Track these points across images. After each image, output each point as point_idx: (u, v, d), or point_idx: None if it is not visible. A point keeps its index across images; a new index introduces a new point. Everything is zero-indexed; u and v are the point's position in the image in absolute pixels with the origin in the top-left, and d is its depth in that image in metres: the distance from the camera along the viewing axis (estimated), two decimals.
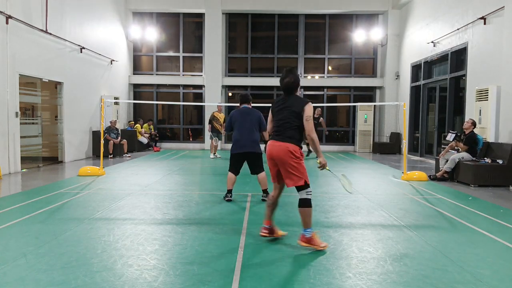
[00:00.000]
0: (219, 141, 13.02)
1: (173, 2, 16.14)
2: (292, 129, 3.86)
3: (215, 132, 12.60)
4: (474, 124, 8.35)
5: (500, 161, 7.84)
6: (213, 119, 12.59)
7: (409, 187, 7.63)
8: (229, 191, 6.12)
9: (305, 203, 3.81)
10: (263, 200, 6.05)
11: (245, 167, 6.19)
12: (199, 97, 16.95)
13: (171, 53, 17.11)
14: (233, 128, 6.08)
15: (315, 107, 12.54)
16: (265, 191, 6.12)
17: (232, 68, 17.31)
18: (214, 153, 12.69)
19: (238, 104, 6.37)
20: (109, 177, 8.35)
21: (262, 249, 3.88)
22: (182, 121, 17.21)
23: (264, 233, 4.09)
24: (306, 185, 3.83)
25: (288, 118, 3.89)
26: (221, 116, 12.68)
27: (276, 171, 3.99)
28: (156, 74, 16.94)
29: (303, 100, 3.94)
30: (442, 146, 9.43)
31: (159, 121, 17.49)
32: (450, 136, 9.25)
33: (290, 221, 4.95)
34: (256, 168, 6.09)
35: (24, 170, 9.28)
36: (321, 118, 12.65)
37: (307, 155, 12.46)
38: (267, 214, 4.12)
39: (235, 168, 6.11)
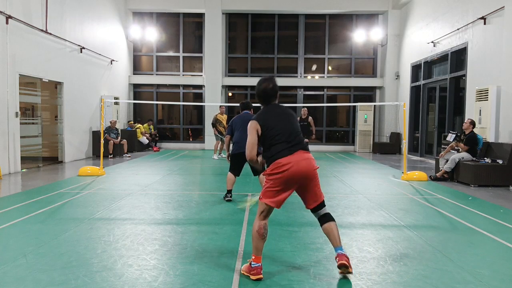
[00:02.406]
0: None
1: (173, 2, 16.14)
2: (302, 138, 3.36)
3: (219, 134, 12.47)
4: (473, 124, 8.35)
5: (500, 161, 7.83)
6: (216, 121, 12.48)
7: (409, 187, 7.63)
8: (229, 191, 6.15)
9: (332, 217, 3.32)
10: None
11: (246, 167, 6.19)
12: (199, 97, 16.95)
13: (171, 53, 17.11)
14: (234, 133, 6.20)
15: (307, 107, 12.55)
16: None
17: (232, 68, 17.31)
18: (220, 154, 12.65)
19: (242, 110, 6.48)
20: (109, 177, 8.35)
21: (262, 249, 3.87)
22: (182, 121, 17.22)
23: (261, 275, 3.12)
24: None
25: (296, 126, 3.37)
26: (224, 118, 12.58)
27: (291, 192, 3.24)
28: (156, 74, 16.94)
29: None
30: (442, 146, 9.43)
31: (159, 121, 17.49)
32: (450, 137, 9.25)
33: (291, 221, 4.95)
34: (236, 168, 6.19)
35: (24, 170, 9.28)
36: (310, 117, 12.50)
37: None
38: (260, 248, 3.17)
39: (235, 168, 6.15)
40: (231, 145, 6.34)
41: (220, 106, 12.95)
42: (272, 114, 3.46)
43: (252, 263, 3.13)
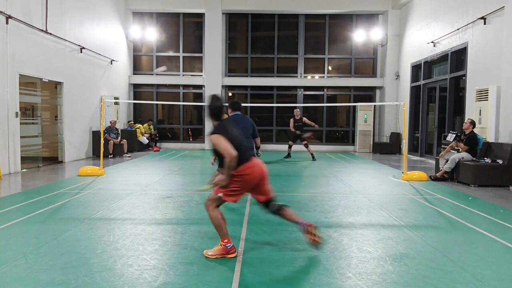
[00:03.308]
0: None
1: (173, 2, 16.14)
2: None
3: None
4: (473, 124, 8.35)
5: (500, 161, 7.83)
6: None
7: (409, 187, 7.63)
8: None
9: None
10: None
11: None
12: (199, 97, 16.95)
13: (171, 53, 17.11)
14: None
15: (301, 107, 12.46)
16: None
17: (232, 68, 17.31)
18: None
19: (234, 111, 6.08)
20: (109, 177, 8.35)
21: (262, 249, 3.88)
22: (182, 121, 17.22)
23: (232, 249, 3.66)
24: None
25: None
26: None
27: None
28: (156, 74, 16.94)
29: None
30: (442, 146, 9.43)
31: (159, 121, 17.49)
32: (450, 137, 9.25)
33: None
34: None
35: (24, 170, 9.28)
36: (304, 118, 12.47)
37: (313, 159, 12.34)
38: (227, 231, 3.64)
39: None
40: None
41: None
42: (230, 126, 3.91)
43: (227, 245, 3.61)
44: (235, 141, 3.62)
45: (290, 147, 12.69)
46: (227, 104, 5.87)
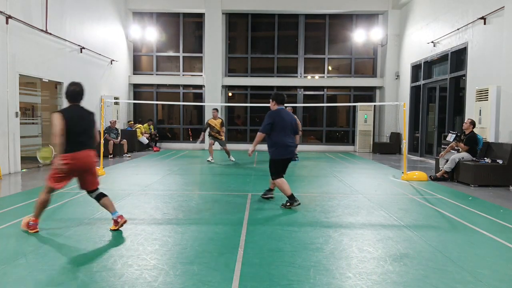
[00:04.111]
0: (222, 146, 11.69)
1: (173, 2, 16.14)
2: (92, 138, 4.36)
3: (211, 136, 11.51)
4: (473, 124, 8.35)
5: (500, 161, 7.84)
6: (208, 126, 11.44)
7: (409, 187, 7.63)
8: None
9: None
10: (287, 207, 5.61)
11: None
12: (199, 97, 16.95)
13: (171, 53, 17.11)
14: (273, 131, 5.57)
15: (293, 108, 12.29)
16: (291, 197, 5.61)
17: (232, 68, 17.31)
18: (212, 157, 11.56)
19: (278, 104, 5.76)
20: (109, 177, 8.35)
21: (262, 249, 3.88)
22: (182, 121, 17.22)
23: (37, 229, 4.30)
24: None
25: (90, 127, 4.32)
26: (217, 123, 11.39)
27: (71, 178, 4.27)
28: (156, 74, 16.94)
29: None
30: (442, 146, 9.43)
31: (159, 121, 17.49)
32: (450, 137, 9.25)
33: (291, 221, 4.96)
34: (283, 172, 5.78)
35: (24, 170, 9.28)
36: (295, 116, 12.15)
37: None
38: (41, 214, 4.33)
39: (281, 171, 5.70)
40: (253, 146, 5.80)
41: (213, 109, 11.69)
42: (75, 114, 4.29)
43: (31, 222, 4.24)
44: (75, 129, 4.07)
45: None
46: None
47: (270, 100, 5.84)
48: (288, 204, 5.62)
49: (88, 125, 4.31)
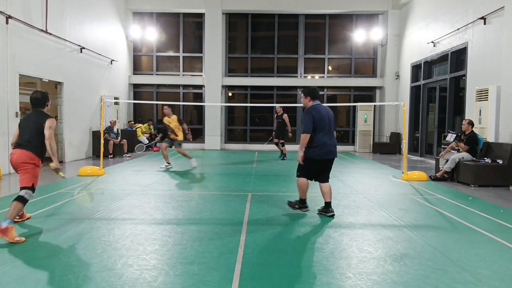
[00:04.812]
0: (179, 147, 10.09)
1: (173, 2, 16.14)
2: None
3: (168, 139, 9.90)
4: (471, 124, 8.35)
5: (500, 161, 7.83)
6: (164, 126, 9.96)
7: (409, 187, 7.63)
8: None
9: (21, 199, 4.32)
10: (294, 208, 5.38)
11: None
12: (199, 97, 16.95)
13: (171, 53, 17.10)
14: (315, 130, 5.01)
15: (283, 108, 12.28)
16: (303, 201, 5.30)
17: (232, 68, 17.31)
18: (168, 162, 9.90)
19: (314, 100, 5.28)
20: (109, 177, 8.35)
21: (262, 249, 3.88)
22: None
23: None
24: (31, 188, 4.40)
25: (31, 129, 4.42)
26: (173, 119, 9.77)
27: None
28: (156, 74, 16.94)
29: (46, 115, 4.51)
30: (442, 146, 9.43)
31: (159, 121, 17.48)
32: (450, 137, 9.24)
33: (291, 221, 4.95)
34: (327, 175, 5.27)
35: None
36: (285, 114, 12.15)
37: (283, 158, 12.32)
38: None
39: (312, 174, 5.20)
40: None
41: (164, 107, 10.07)
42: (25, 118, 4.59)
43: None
44: (21, 129, 4.44)
45: (277, 144, 12.41)
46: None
47: (303, 96, 5.29)
48: (296, 206, 5.34)
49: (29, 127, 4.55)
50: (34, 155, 4.36)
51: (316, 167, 5.12)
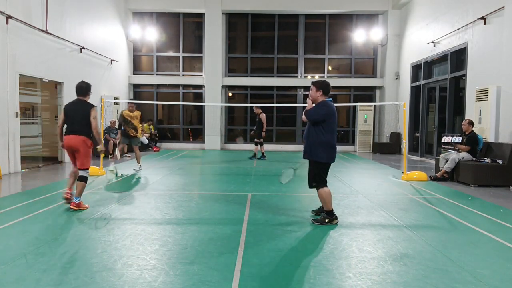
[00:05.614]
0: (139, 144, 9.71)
1: (173, 2, 16.14)
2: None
3: (125, 136, 9.33)
4: (471, 123, 8.35)
5: (500, 161, 7.83)
6: (123, 121, 9.20)
7: (409, 187, 7.63)
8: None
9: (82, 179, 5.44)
10: (325, 223, 4.80)
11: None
12: (199, 97, 16.95)
13: (171, 53, 17.11)
14: (325, 127, 4.70)
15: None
16: (331, 213, 4.84)
17: (232, 68, 17.31)
18: (121, 155, 9.49)
19: (325, 95, 4.78)
20: (109, 177, 8.34)
21: (262, 249, 3.88)
22: (182, 121, 17.22)
23: (68, 195, 5.48)
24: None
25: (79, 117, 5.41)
26: (136, 115, 9.32)
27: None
28: (156, 74, 16.94)
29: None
30: (442, 146, 9.41)
31: (159, 121, 17.50)
32: (451, 139, 9.17)
33: (291, 221, 4.95)
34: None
35: (24, 170, 9.28)
36: (262, 114, 12.22)
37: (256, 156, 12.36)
38: (70, 183, 5.60)
39: (326, 180, 4.92)
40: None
41: (129, 103, 9.69)
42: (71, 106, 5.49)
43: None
44: (69, 116, 5.38)
45: (256, 144, 12.42)
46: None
47: (314, 88, 4.76)
48: (327, 220, 4.78)
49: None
50: (87, 138, 5.39)
51: (326, 171, 4.90)
